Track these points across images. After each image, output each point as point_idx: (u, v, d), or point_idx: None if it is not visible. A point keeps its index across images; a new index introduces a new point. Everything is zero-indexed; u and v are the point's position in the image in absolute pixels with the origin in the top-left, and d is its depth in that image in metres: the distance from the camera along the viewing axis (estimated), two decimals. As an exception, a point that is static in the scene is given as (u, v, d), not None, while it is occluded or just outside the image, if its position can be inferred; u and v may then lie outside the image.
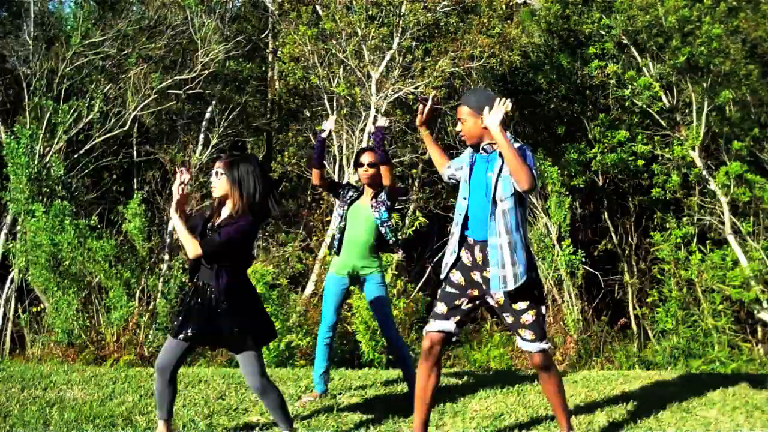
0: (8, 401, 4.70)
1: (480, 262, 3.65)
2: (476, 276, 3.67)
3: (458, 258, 3.72)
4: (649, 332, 10.34)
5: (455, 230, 3.73)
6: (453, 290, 3.70)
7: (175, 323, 3.66)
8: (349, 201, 4.73)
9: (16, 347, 9.90)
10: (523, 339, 3.65)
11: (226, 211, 3.61)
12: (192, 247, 3.50)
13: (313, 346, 8.47)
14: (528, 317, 3.61)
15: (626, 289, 11.51)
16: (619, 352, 9.79)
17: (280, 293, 8.39)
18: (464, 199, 3.70)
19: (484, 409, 4.63)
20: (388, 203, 4.68)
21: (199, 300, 3.58)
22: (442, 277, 3.77)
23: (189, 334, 3.57)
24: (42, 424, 4.19)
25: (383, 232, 4.66)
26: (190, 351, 3.71)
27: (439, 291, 3.77)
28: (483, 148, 3.69)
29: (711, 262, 9.80)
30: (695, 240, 10.68)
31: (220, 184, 3.58)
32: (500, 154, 3.55)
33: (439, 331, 3.66)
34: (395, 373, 6.13)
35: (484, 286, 3.65)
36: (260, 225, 3.72)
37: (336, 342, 8.47)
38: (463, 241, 3.72)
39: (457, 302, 3.69)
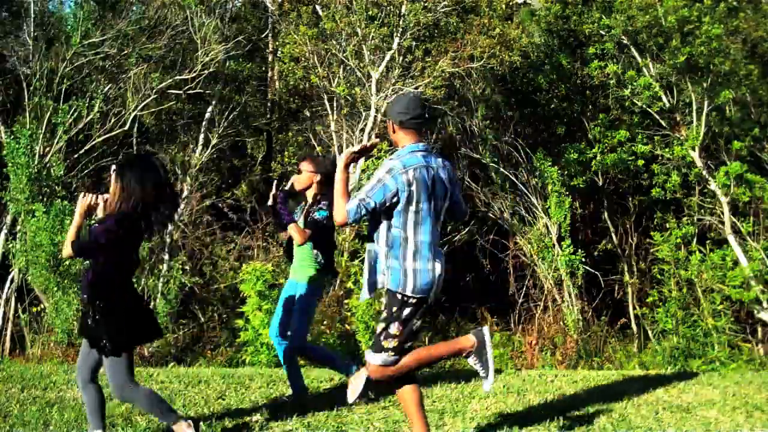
0: (8, 401, 4.71)
1: None
2: None
3: None
4: (649, 332, 10.33)
5: None
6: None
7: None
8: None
9: (16, 347, 9.90)
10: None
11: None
12: (66, 248, 3.56)
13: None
14: (378, 327, 3.59)
15: (626, 289, 11.50)
16: (619, 352, 9.78)
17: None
18: None
19: (484, 409, 4.63)
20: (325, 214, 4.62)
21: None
22: None
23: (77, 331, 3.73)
24: (42, 424, 4.19)
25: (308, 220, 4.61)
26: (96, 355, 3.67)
27: None
28: None
29: (711, 262, 9.79)
30: (695, 240, 10.67)
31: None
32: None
33: None
34: (395, 373, 6.12)
35: None
36: (135, 227, 3.63)
37: (335, 341, 8.50)
38: None
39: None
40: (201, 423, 4.23)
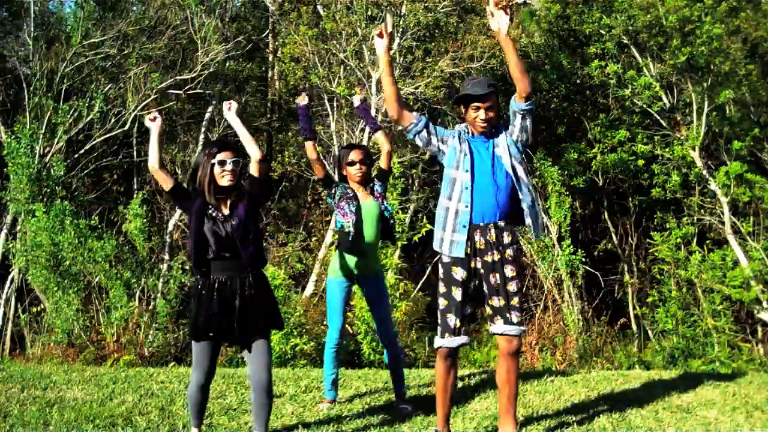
0: (8, 401, 4.71)
1: (483, 247, 3.68)
2: (477, 263, 3.70)
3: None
4: (649, 332, 10.33)
5: (462, 216, 3.70)
6: (459, 294, 3.69)
7: None
8: (354, 197, 4.53)
9: (16, 347, 9.90)
10: (509, 322, 3.68)
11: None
12: None
13: (313, 346, 8.46)
14: (517, 300, 3.70)
15: (626, 289, 11.50)
16: (619, 352, 9.77)
17: (284, 294, 8.42)
18: (467, 187, 3.70)
19: (484, 409, 4.63)
20: (384, 193, 4.60)
21: None
22: (446, 261, 3.71)
23: None
24: (42, 424, 4.19)
25: (391, 223, 4.61)
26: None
27: (444, 292, 3.72)
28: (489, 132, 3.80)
29: (711, 262, 9.79)
30: (695, 240, 10.67)
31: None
32: (499, 132, 3.79)
33: (457, 346, 3.73)
34: (395, 373, 6.12)
35: (481, 271, 3.69)
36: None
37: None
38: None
39: (466, 311, 3.72)
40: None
